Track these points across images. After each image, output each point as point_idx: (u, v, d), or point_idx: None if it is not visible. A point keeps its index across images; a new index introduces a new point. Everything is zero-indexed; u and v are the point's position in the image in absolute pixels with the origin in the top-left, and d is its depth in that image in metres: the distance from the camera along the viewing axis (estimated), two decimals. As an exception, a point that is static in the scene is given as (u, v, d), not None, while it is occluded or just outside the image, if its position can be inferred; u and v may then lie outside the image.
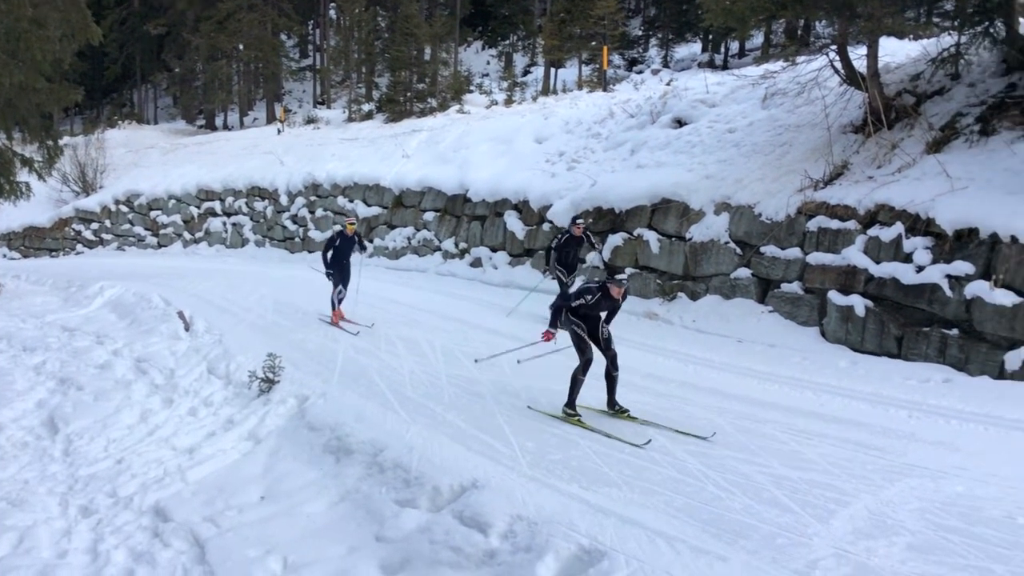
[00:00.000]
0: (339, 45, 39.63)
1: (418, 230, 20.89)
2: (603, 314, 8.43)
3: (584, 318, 8.31)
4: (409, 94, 30.22)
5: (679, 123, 16.87)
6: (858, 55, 13.12)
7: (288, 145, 28.57)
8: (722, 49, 30.30)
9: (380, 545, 6.10)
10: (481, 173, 19.43)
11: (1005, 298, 9.63)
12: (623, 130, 17.99)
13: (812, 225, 12.10)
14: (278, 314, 14.25)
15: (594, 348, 8.31)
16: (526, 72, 36.22)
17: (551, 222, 16.80)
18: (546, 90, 29.95)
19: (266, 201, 26.17)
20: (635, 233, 14.89)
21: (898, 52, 14.61)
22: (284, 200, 25.48)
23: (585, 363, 8.25)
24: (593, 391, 8.54)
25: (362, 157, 24.47)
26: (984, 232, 10.05)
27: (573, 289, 10.11)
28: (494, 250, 18.54)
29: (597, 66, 29.67)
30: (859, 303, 11.11)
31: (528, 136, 20.30)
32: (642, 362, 10.92)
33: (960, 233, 10.31)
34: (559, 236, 13.52)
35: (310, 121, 33.12)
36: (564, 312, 8.35)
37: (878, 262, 11.07)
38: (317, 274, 14.44)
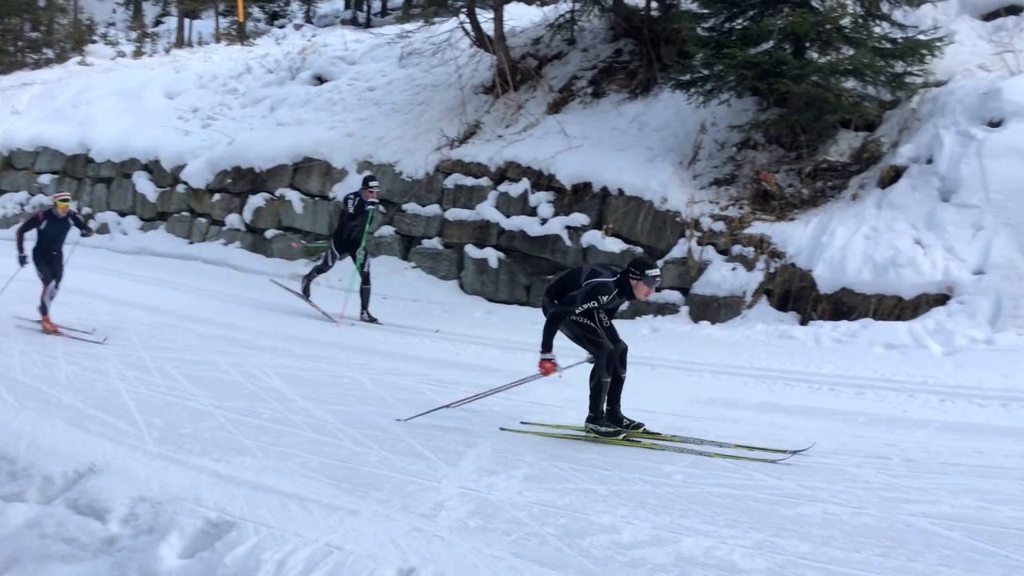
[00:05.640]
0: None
1: (32, 194, 18.60)
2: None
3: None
4: (21, 43, 27.00)
5: (320, 80, 16.59)
6: (486, 19, 13.74)
7: None
8: (365, 7, 30.22)
9: (-22, 549, 5.38)
10: (105, 131, 17.74)
11: (614, 245, 10.73)
12: (262, 86, 17.33)
13: (449, 182, 12.56)
14: None
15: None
16: (158, 23, 33.57)
17: (186, 183, 15.79)
18: (180, 42, 28.01)
19: None
20: (277, 193, 14.49)
21: (523, 17, 15.51)
22: None
23: (607, 356, 6.27)
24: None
25: (-40, 113, 21.22)
26: (596, 186, 11.09)
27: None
28: (123, 214, 17.05)
29: (235, 18, 28.26)
30: (492, 256, 11.77)
31: (158, 91, 18.87)
32: (285, 325, 10.72)
33: (577, 187, 11.28)
34: (350, 199, 10.99)
35: None
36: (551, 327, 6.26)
37: (508, 216, 11.79)
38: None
